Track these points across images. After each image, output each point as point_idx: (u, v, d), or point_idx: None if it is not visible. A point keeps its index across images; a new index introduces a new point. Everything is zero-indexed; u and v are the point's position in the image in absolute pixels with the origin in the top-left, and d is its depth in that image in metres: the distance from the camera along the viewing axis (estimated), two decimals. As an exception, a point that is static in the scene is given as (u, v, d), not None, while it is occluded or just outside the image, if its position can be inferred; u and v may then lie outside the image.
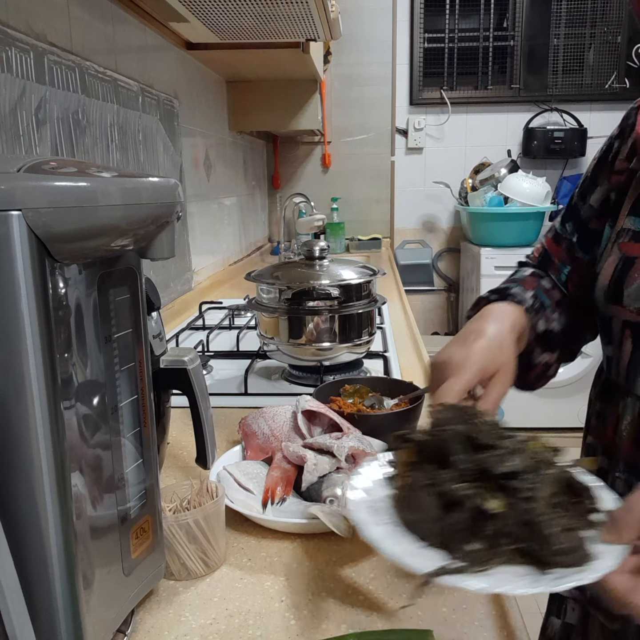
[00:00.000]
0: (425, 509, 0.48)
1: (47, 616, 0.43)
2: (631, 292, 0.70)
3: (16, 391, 0.40)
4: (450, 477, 0.48)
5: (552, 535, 0.44)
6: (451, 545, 0.46)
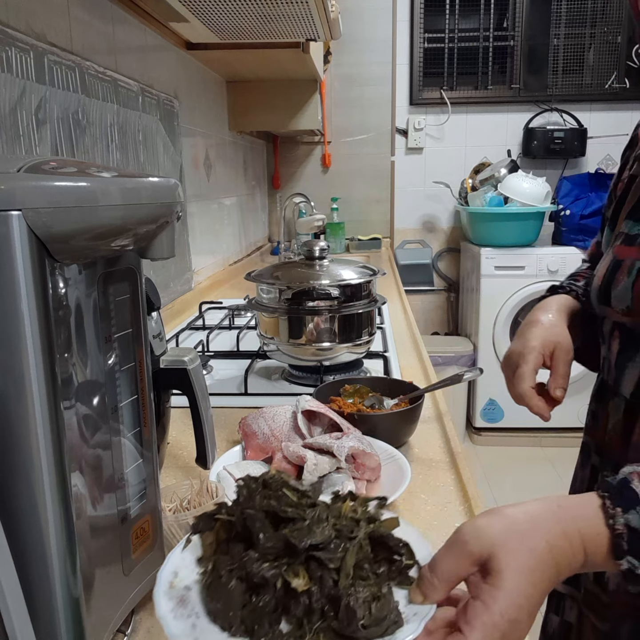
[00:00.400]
0: (229, 595, 0.45)
1: (47, 616, 0.43)
2: (617, 294, 0.71)
3: (16, 391, 0.40)
4: (254, 557, 0.45)
5: (354, 610, 0.43)
6: (257, 634, 0.44)
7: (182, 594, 0.47)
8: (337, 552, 0.45)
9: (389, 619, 0.44)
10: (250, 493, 0.49)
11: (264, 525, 0.46)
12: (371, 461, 0.77)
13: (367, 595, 0.44)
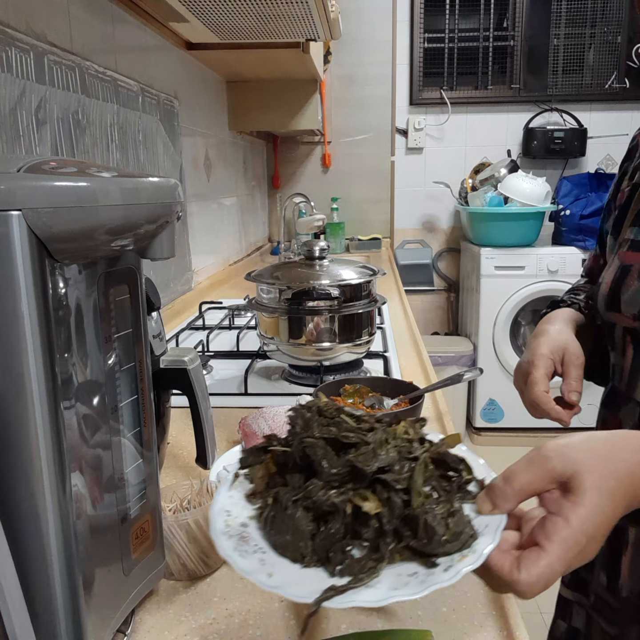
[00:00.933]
0: (297, 525, 0.44)
1: (47, 616, 0.43)
2: (627, 299, 0.72)
3: (16, 391, 0.40)
4: (319, 485, 0.45)
5: (434, 527, 0.43)
6: (333, 561, 0.43)
7: (241, 531, 0.46)
8: (403, 473, 0.45)
9: (466, 532, 0.44)
10: (306, 422, 0.48)
11: (327, 453, 0.46)
12: (371, 461, 0.77)
13: (443, 512, 0.44)
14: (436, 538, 0.43)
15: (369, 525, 0.44)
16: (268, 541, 0.45)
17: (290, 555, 0.44)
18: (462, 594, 0.60)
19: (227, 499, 0.49)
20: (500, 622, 0.56)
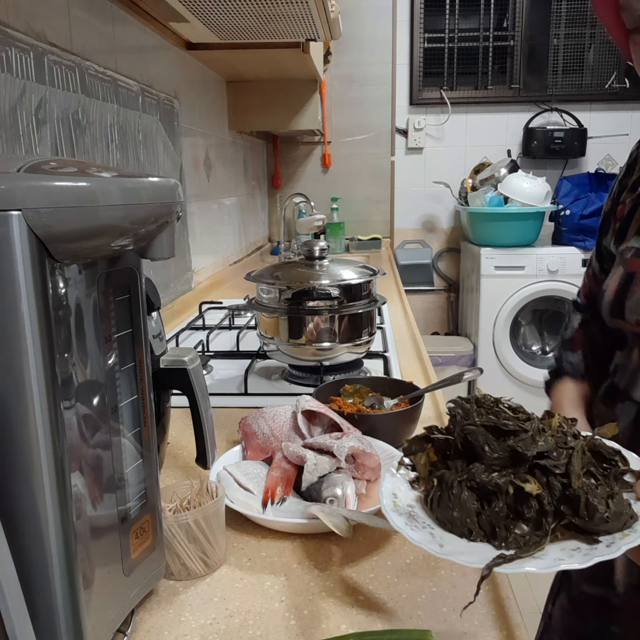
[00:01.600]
0: (463, 504, 0.49)
1: (47, 616, 0.43)
2: (631, 305, 0.74)
3: (16, 391, 0.40)
4: (481, 468, 0.49)
5: (595, 505, 0.46)
6: (499, 535, 0.47)
7: (408, 510, 0.52)
8: (561, 459, 0.49)
9: (626, 513, 0.47)
10: (465, 412, 0.53)
11: (488, 438, 0.50)
12: (371, 461, 0.77)
13: (603, 493, 0.47)
14: (598, 515, 0.46)
15: (530, 506, 0.48)
16: (435, 519, 0.51)
17: (457, 531, 0.49)
18: (462, 594, 0.60)
19: (392, 484, 0.55)
20: (500, 622, 0.56)
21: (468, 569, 0.64)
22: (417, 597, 0.60)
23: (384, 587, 0.61)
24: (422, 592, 0.61)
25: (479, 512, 0.49)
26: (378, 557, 0.66)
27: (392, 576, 0.63)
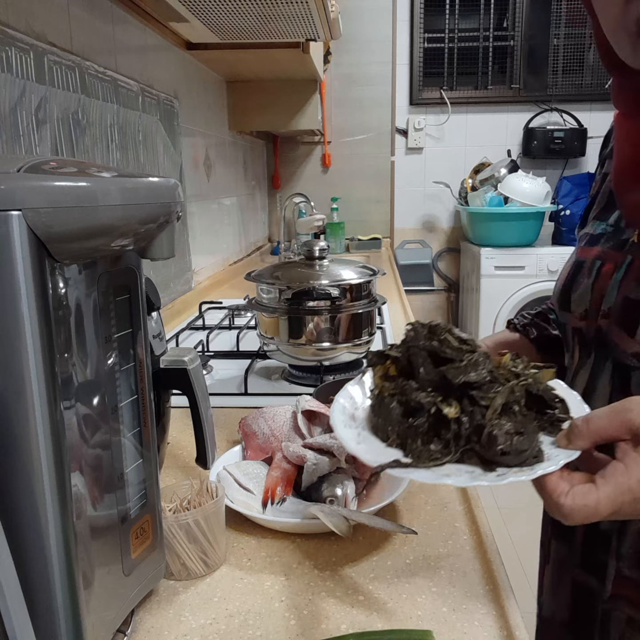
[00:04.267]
0: (389, 413, 0.53)
1: (47, 616, 0.43)
2: (576, 297, 0.70)
3: (16, 391, 0.40)
4: (414, 387, 0.53)
5: (496, 437, 0.48)
6: (409, 446, 0.51)
7: (353, 412, 0.58)
8: (490, 392, 0.51)
9: (529, 452, 0.48)
10: (416, 335, 0.55)
11: (426, 361, 0.53)
12: (371, 461, 0.77)
13: (510, 428, 0.49)
14: (495, 447, 0.48)
15: (449, 428, 0.50)
16: (367, 423, 0.56)
17: (380, 435, 0.54)
18: (462, 594, 0.60)
19: (351, 388, 0.60)
20: (500, 622, 0.56)
21: (469, 569, 0.64)
22: (417, 597, 0.60)
23: (384, 587, 0.61)
24: (422, 592, 0.61)
25: (400, 423, 0.52)
26: (378, 557, 0.66)
27: (392, 576, 0.63)
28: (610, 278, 0.65)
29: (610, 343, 0.65)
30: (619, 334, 0.63)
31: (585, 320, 0.68)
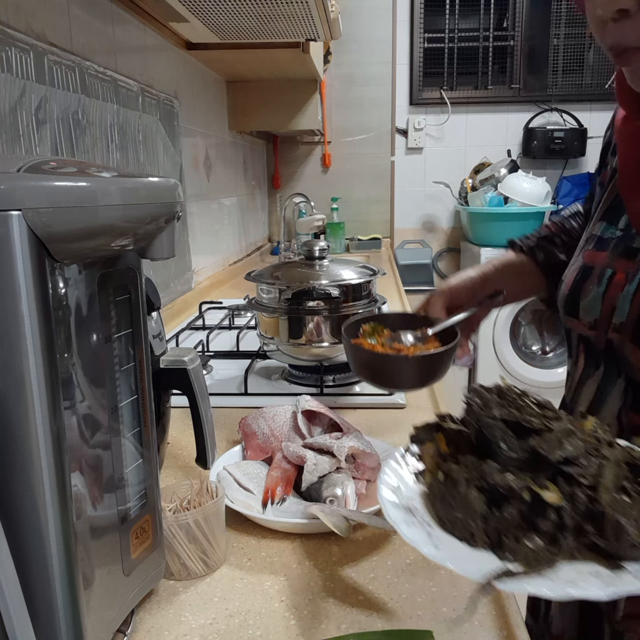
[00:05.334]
0: (469, 505, 0.43)
1: (47, 616, 0.43)
2: (585, 305, 0.66)
3: (16, 391, 0.40)
4: (495, 468, 0.43)
5: (624, 526, 0.39)
6: (503, 545, 0.41)
7: (407, 503, 0.46)
8: (591, 468, 0.42)
9: None
10: (484, 402, 0.46)
11: (507, 435, 0.44)
12: (371, 461, 0.77)
13: (636, 514, 0.40)
14: (625, 538, 0.40)
15: (546, 517, 0.41)
16: (435, 517, 0.45)
17: (458, 533, 0.43)
18: (462, 594, 0.60)
19: (393, 473, 0.50)
20: (500, 622, 0.56)
21: (468, 569, 0.64)
22: (417, 597, 0.60)
23: (384, 587, 0.61)
24: (422, 592, 0.61)
25: (485, 517, 0.43)
26: (378, 557, 0.66)
27: (392, 576, 0.63)
28: (622, 289, 0.62)
29: (623, 359, 0.62)
30: (633, 351, 0.60)
31: (595, 330, 0.65)
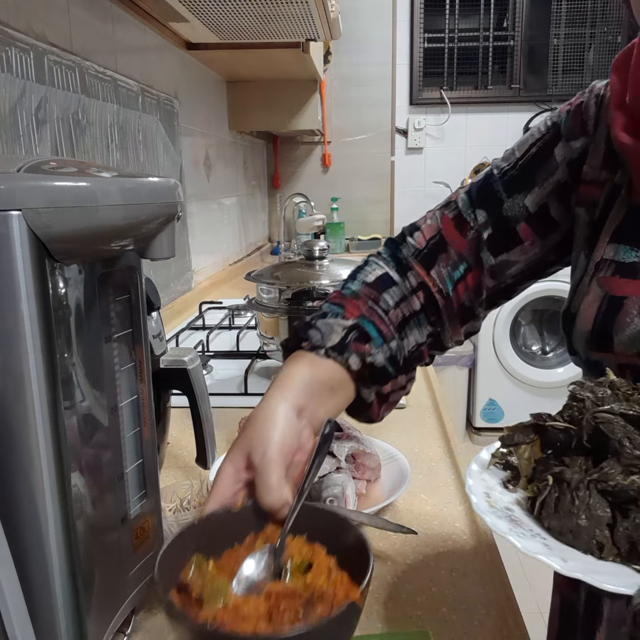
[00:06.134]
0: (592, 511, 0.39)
1: (47, 616, 0.43)
2: (624, 339, 0.58)
3: (16, 391, 0.40)
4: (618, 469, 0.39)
5: None
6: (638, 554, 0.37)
7: (508, 514, 0.42)
8: None
9: None
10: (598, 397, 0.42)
11: (629, 431, 0.39)
12: (371, 461, 0.77)
13: None
14: None
15: None
16: (545, 527, 0.41)
17: (581, 544, 0.39)
18: (462, 594, 0.60)
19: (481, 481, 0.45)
20: (500, 622, 0.56)
21: (469, 569, 0.64)
22: (417, 597, 0.60)
23: (384, 587, 0.61)
24: (422, 592, 0.61)
25: (611, 524, 0.38)
26: (378, 557, 0.66)
27: (392, 576, 0.63)
28: None
29: None
30: None
31: None
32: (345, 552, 0.44)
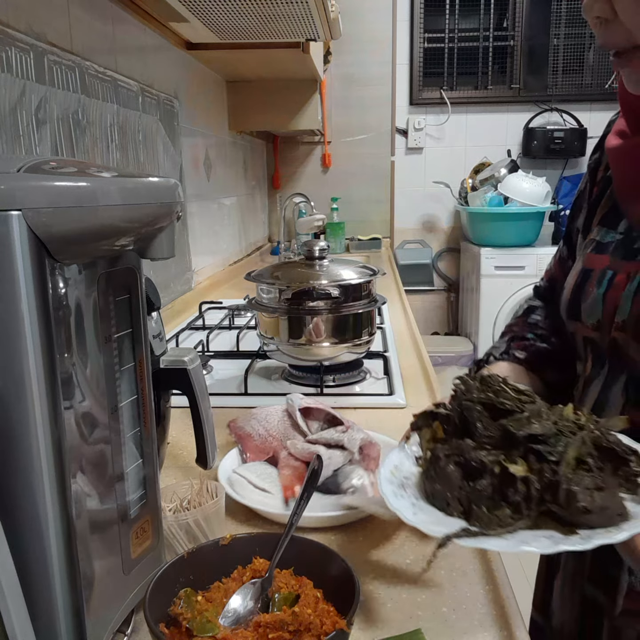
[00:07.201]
0: (447, 478, 0.48)
1: (47, 616, 0.43)
2: (586, 307, 0.67)
3: (16, 391, 0.40)
4: (471, 445, 0.48)
5: (575, 494, 0.43)
6: (475, 513, 0.46)
7: (402, 481, 0.53)
8: (558, 446, 0.46)
9: (612, 509, 0.43)
10: (468, 387, 0.51)
11: (482, 415, 0.48)
12: (374, 451, 0.78)
13: (589, 483, 0.44)
14: (576, 504, 0.43)
15: (516, 489, 0.45)
16: (422, 491, 0.51)
17: (437, 504, 0.49)
18: (462, 594, 0.60)
19: (397, 456, 0.56)
20: (500, 622, 0.56)
21: (469, 569, 0.64)
22: (417, 597, 0.60)
23: (384, 587, 0.61)
24: (422, 592, 0.61)
25: (460, 488, 0.48)
26: (378, 557, 0.66)
27: (392, 576, 0.63)
28: (623, 289, 0.63)
29: (626, 357, 0.63)
30: (636, 348, 0.61)
31: (599, 331, 0.66)
32: (331, 584, 0.48)
